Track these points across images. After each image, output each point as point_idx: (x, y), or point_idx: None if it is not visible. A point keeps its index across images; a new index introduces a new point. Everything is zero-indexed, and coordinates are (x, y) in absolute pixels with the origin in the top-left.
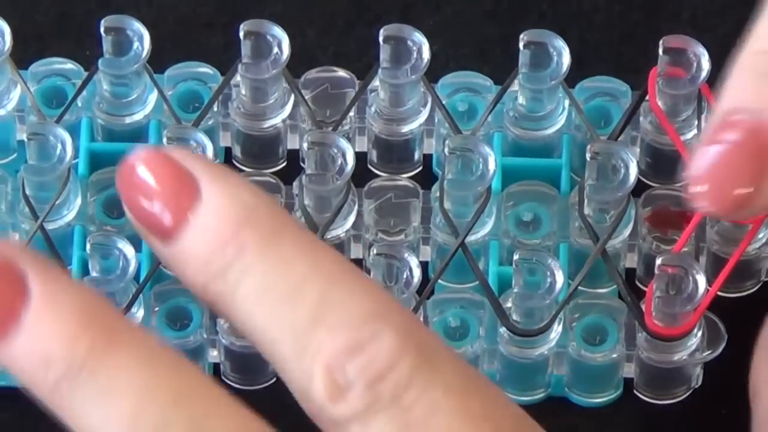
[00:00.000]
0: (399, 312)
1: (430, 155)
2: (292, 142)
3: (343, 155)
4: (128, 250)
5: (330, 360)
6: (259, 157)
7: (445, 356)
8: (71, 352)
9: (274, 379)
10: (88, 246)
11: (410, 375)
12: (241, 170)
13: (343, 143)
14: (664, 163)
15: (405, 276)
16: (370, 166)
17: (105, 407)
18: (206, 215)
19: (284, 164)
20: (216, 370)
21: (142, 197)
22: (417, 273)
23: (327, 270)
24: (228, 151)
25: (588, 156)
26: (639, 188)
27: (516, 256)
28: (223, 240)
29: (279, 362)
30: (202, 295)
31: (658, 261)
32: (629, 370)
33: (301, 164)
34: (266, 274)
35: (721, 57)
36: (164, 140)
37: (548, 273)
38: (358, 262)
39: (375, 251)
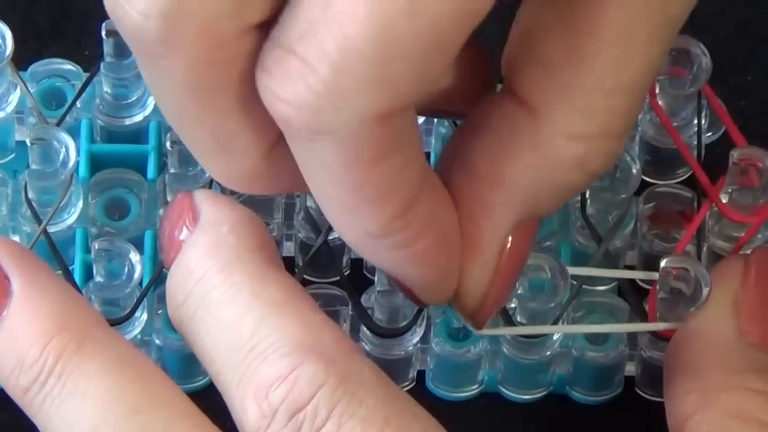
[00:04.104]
0: (329, 340)
1: (429, 153)
2: None
3: None
4: (134, 255)
5: (257, 390)
6: None
7: (368, 386)
8: (42, 357)
9: None
10: (93, 251)
11: (329, 406)
12: None
13: None
14: (663, 161)
15: None
16: None
17: (69, 416)
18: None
19: None
20: None
21: None
22: None
23: (267, 298)
24: None
25: None
26: (639, 186)
27: None
28: (190, 269)
29: (224, 393)
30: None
31: (662, 263)
32: (630, 368)
33: None
34: (217, 302)
35: (721, 57)
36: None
37: (550, 275)
38: (359, 263)
39: None
